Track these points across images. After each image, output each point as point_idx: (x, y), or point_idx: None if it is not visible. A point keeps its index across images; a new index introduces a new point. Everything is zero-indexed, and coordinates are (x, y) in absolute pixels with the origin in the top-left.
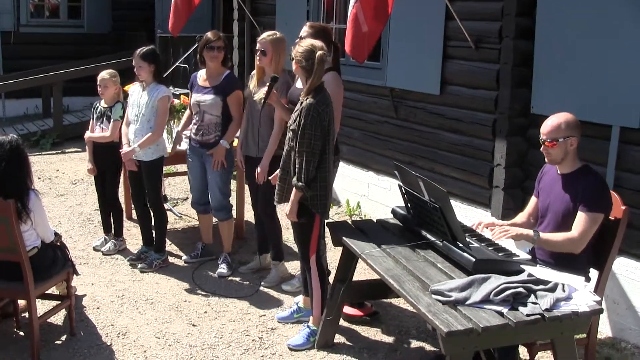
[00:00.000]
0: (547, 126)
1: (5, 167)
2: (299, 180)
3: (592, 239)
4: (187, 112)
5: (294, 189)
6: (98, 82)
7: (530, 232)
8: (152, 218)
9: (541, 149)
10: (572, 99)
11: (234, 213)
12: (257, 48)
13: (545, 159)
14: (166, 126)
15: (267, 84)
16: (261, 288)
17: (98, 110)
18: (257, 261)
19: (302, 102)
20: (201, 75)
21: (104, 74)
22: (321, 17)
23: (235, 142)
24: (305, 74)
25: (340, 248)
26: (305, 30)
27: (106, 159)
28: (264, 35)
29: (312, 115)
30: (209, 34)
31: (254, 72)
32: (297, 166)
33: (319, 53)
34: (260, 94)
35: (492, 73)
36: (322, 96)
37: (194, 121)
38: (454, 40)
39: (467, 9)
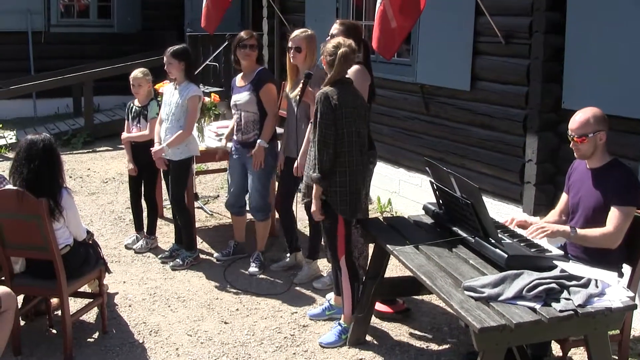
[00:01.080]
0: (575, 122)
1: (39, 165)
2: (313, 171)
3: (625, 234)
4: (234, 117)
5: (313, 184)
6: (131, 82)
7: (567, 228)
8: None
9: (570, 145)
10: (603, 94)
11: None
12: (289, 46)
13: (575, 154)
14: (197, 125)
15: (302, 81)
16: (293, 285)
17: (133, 110)
18: (288, 259)
19: None
20: (239, 77)
21: (137, 73)
22: (351, 14)
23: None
24: (329, 68)
25: (372, 245)
26: (335, 27)
27: (145, 158)
28: (297, 32)
29: (323, 103)
30: (242, 33)
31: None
32: (315, 158)
33: (342, 49)
34: (296, 92)
35: (523, 68)
36: (340, 88)
37: (235, 122)
38: (484, 35)
39: (497, 4)
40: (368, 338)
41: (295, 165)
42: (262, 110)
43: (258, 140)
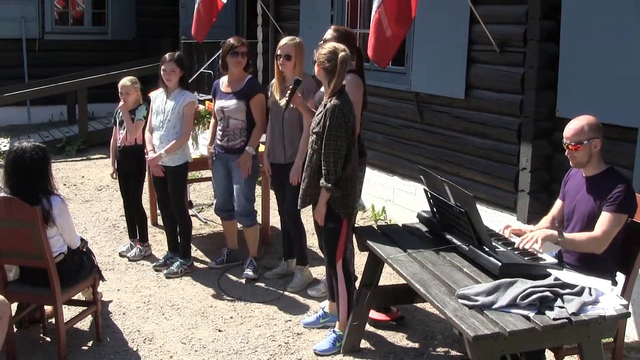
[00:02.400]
0: (569, 130)
1: (12, 173)
2: (327, 181)
3: (619, 242)
4: (212, 121)
5: (322, 191)
6: (119, 90)
7: (555, 232)
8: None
9: (565, 154)
10: (597, 102)
11: (259, 219)
12: (278, 53)
13: (570, 163)
14: (192, 133)
15: (290, 86)
16: (287, 293)
17: (120, 115)
18: (282, 266)
19: (325, 104)
20: (223, 82)
21: (125, 81)
22: (345, 22)
23: (262, 148)
24: (327, 75)
25: (366, 253)
26: (329, 33)
27: (130, 164)
28: (286, 40)
29: (337, 116)
30: (232, 40)
31: (274, 80)
32: (324, 168)
33: (341, 54)
34: (284, 101)
35: (517, 76)
36: (345, 97)
37: (219, 127)
38: (478, 44)
39: (492, 13)
40: (362, 345)
41: (292, 173)
42: (250, 118)
43: (246, 148)
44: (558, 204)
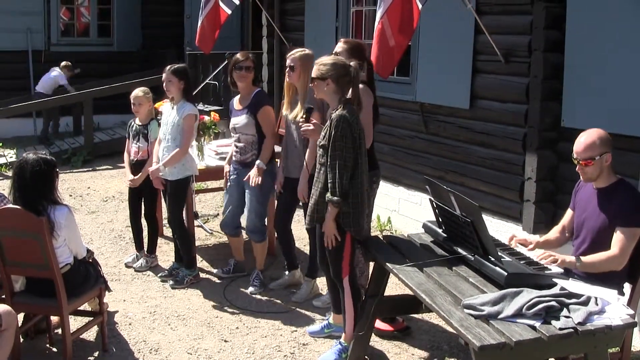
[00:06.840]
0: (581, 145)
1: (19, 184)
2: (333, 195)
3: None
4: (233, 140)
5: (329, 206)
6: (132, 101)
7: (572, 258)
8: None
9: (576, 169)
10: (603, 112)
11: None
12: (286, 64)
13: (581, 178)
14: (197, 143)
15: (302, 116)
16: (292, 304)
17: (134, 128)
18: (285, 278)
19: (330, 116)
20: (236, 99)
21: (138, 92)
22: (350, 33)
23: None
24: (337, 89)
25: (372, 263)
26: (340, 46)
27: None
28: (293, 51)
29: (343, 126)
30: (238, 55)
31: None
32: (330, 181)
33: (352, 69)
34: (294, 113)
35: (522, 86)
36: (351, 109)
37: (234, 145)
38: (483, 54)
39: (497, 23)
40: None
41: (299, 190)
42: (260, 132)
43: (257, 162)
44: (569, 213)
